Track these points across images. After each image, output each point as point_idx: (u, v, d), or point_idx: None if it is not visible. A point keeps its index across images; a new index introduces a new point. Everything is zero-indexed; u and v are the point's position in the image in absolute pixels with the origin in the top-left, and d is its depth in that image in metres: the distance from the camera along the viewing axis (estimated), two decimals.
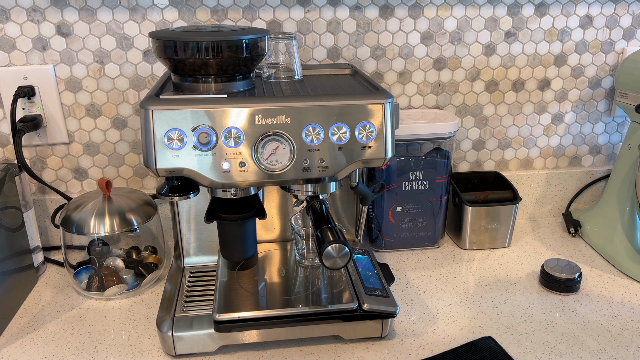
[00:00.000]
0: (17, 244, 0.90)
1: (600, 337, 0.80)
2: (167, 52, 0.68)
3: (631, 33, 1.10)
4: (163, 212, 1.06)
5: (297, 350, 0.77)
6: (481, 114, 1.13)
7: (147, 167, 0.65)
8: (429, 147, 1.05)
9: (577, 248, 1.08)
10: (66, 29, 0.95)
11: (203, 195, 0.88)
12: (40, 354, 0.77)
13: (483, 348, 0.77)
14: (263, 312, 0.76)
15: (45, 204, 1.05)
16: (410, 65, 1.06)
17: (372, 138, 0.67)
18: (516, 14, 1.05)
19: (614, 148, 1.20)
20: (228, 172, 0.65)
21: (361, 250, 0.93)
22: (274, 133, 0.65)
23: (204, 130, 0.64)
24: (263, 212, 0.78)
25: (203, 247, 0.93)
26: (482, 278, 0.97)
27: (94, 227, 0.87)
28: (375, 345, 0.79)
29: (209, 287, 0.86)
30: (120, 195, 0.93)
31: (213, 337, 0.76)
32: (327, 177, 0.68)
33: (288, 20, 1.00)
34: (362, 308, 0.76)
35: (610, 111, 1.16)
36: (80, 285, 0.91)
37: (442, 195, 1.03)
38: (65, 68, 0.97)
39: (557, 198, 1.21)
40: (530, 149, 1.17)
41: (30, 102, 0.97)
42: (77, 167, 1.05)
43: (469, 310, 0.87)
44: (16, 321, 0.85)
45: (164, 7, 0.96)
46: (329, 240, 0.66)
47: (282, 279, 0.85)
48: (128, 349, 0.78)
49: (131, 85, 1.00)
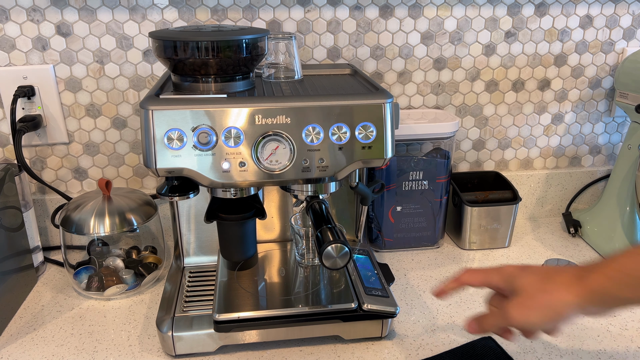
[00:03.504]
0: (17, 244, 0.90)
1: (600, 337, 0.80)
2: (167, 52, 0.68)
3: (631, 33, 1.10)
4: (163, 212, 1.06)
5: (297, 350, 0.77)
6: (481, 114, 1.13)
7: (147, 167, 0.65)
8: (429, 147, 1.05)
9: (577, 248, 1.08)
10: (66, 28, 0.95)
11: (203, 195, 0.88)
12: (40, 354, 0.77)
13: (483, 348, 0.77)
14: (263, 312, 0.76)
15: (45, 204, 1.05)
16: (410, 65, 1.06)
17: (372, 138, 0.67)
18: (516, 14, 1.05)
19: (614, 148, 1.20)
20: (228, 172, 0.65)
21: (361, 250, 0.93)
22: (274, 133, 0.65)
23: (204, 130, 0.64)
24: (263, 212, 0.78)
25: (203, 247, 0.93)
26: None
27: (93, 227, 0.87)
28: (375, 345, 0.79)
29: (209, 287, 0.86)
30: (120, 195, 0.92)
31: (213, 337, 0.76)
32: (327, 177, 0.68)
33: (288, 20, 1.00)
34: (362, 308, 0.76)
35: (610, 111, 1.16)
36: (80, 285, 0.91)
37: (442, 195, 1.03)
38: (65, 68, 0.97)
39: (557, 198, 1.21)
40: (530, 149, 1.17)
41: (30, 102, 0.97)
42: (77, 167, 1.04)
43: (469, 310, 0.87)
44: (16, 321, 0.85)
45: (164, 7, 0.96)
46: (329, 240, 0.66)
47: (282, 279, 0.85)
48: (128, 349, 0.78)
49: (131, 85, 1.00)
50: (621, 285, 0.54)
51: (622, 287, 0.54)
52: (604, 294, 0.55)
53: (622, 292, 0.54)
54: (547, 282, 0.58)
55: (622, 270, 0.54)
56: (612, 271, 0.55)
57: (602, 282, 0.55)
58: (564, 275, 0.58)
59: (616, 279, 0.54)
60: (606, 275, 0.55)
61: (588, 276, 0.56)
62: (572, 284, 0.56)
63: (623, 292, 0.54)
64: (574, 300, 0.56)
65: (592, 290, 0.55)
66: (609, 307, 0.57)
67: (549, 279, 0.58)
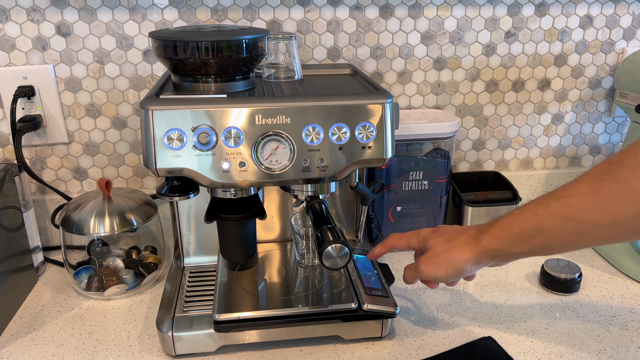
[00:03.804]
0: (16, 244, 0.90)
1: (600, 337, 0.80)
2: (167, 52, 0.68)
3: (631, 33, 1.10)
4: (163, 212, 1.06)
5: (297, 350, 0.77)
6: (481, 114, 1.13)
7: (147, 167, 0.65)
8: (429, 147, 1.05)
9: None
10: (66, 29, 0.95)
11: (203, 195, 0.88)
12: (40, 354, 0.77)
13: (483, 348, 0.77)
14: (263, 312, 0.76)
15: (45, 204, 1.05)
16: (410, 65, 1.06)
17: (372, 138, 0.67)
18: (516, 14, 1.05)
19: (614, 148, 1.20)
20: (228, 172, 0.65)
21: (361, 250, 0.93)
22: (273, 133, 0.65)
23: (204, 130, 0.64)
24: (263, 212, 0.78)
25: (203, 247, 0.93)
26: (482, 278, 0.97)
27: (93, 227, 0.87)
28: (375, 345, 0.79)
29: (209, 287, 0.86)
30: (120, 195, 0.92)
31: (213, 337, 0.76)
32: (327, 177, 0.68)
33: (288, 20, 1.00)
34: (362, 308, 0.76)
35: (610, 111, 1.16)
36: (80, 285, 0.91)
37: (442, 195, 1.03)
38: (65, 68, 0.97)
39: None
40: (530, 149, 1.17)
41: (30, 102, 0.97)
42: (77, 167, 1.04)
43: (469, 310, 0.87)
44: (16, 321, 0.85)
45: (164, 7, 0.96)
46: (329, 240, 0.66)
47: (282, 279, 0.85)
48: (128, 349, 0.78)
49: (131, 85, 1.00)
50: (507, 242, 0.63)
51: (508, 244, 0.63)
52: (495, 250, 0.64)
53: (509, 248, 0.63)
54: (449, 241, 0.69)
55: (507, 230, 0.62)
56: (499, 231, 0.63)
57: (492, 241, 0.64)
58: (463, 236, 0.68)
59: (503, 237, 0.63)
60: (495, 235, 0.64)
61: (481, 236, 0.65)
62: (469, 243, 0.66)
63: (510, 248, 0.63)
64: (470, 257, 0.66)
65: (485, 248, 0.65)
66: (502, 260, 0.66)
67: (452, 239, 0.68)
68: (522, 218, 0.61)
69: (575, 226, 0.57)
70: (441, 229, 0.72)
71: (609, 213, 0.54)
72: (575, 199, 0.57)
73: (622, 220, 0.54)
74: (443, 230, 0.71)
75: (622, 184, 0.53)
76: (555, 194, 0.59)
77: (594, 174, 0.56)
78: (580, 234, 0.57)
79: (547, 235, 0.59)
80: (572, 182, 0.58)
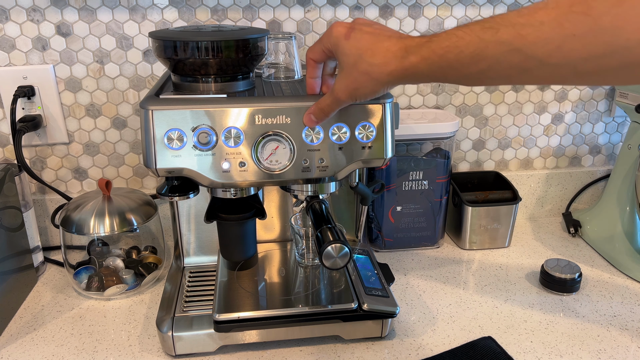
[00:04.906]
0: (16, 244, 0.90)
1: (600, 337, 0.80)
2: (167, 52, 0.68)
3: None
4: (163, 212, 1.06)
5: (297, 350, 0.77)
6: (481, 114, 1.13)
7: (147, 167, 0.65)
8: (429, 147, 1.05)
9: (577, 248, 1.08)
10: (66, 28, 0.95)
11: (203, 195, 0.88)
12: (40, 354, 0.77)
13: (483, 348, 0.77)
14: (263, 312, 0.76)
15: (45, 204, 1.05)
16: None
17: (372, 138, 0.67)
18: None
19: (614, 148, 1.20)
20: (228, 172, 0.65)
21: (361, 250, 0.93)
22: (273, 133, 0.65)
23: (204, 130, 0.64)
24: (263, 212, 0.78)
25: (203, 247, 0.93)
26: (482, 278, 0.97)
27: (93, 227, 0.87)
28: (375, 345, 0.79)
29: (209, 287, 0.86)
30: (120, 195, 0.92)
31: (213, 337, 0.76)
32: (327, 177, 0.68)
33: (288, 20, 1.00)
34: (362, 308, 0.76)
35: (610, 111, 1.16)
36: (80, 285, 0.91)
37: (442, 195, 1.03)
38: (65, 68, 0.97)
39: (557, 198, 1.21)
40: (530, 149, 1.17)
41: (30, 102, 0.97)
42: (77, 167, 1.04)
43: (469, 310, 0.87)
44: (16, 321, 0.85)
45: (164, 7, 0.96)
46: (329, 240, 0.66)
47: (282, 279, 0.85)
48: (128, 349, 0.78)
49: (131, 85, 1.00)
50: (436, 68, 0.55)
51: (437, 70, 0.56)
52: (418, 73, 0.57)
53: (435, 74, 0.56)
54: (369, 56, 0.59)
55: (440, 54, 0.54)
56: (430, 53, 0.55)
57: (417, 63, 0.56)
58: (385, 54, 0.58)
59: (434, 62, 0.55)
60: (423, 57, 0.56)
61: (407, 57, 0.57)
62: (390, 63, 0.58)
63: (436, 74, 0.56)
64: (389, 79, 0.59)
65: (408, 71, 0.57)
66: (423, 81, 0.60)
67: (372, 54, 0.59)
68: (462, 42, 0.52)
69: (520, 60, 0.49)
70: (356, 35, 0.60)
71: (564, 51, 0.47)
72: (531, 28, 0.47)
73: (574, 61, 0.47)
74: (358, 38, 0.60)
75: (594, 18, 0.44)
76: (508, 18, 0.49)
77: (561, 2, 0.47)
78: (521, 70, 0.50)
79: (484, 65, 0.51)
80: (533, 6, 0.48)
